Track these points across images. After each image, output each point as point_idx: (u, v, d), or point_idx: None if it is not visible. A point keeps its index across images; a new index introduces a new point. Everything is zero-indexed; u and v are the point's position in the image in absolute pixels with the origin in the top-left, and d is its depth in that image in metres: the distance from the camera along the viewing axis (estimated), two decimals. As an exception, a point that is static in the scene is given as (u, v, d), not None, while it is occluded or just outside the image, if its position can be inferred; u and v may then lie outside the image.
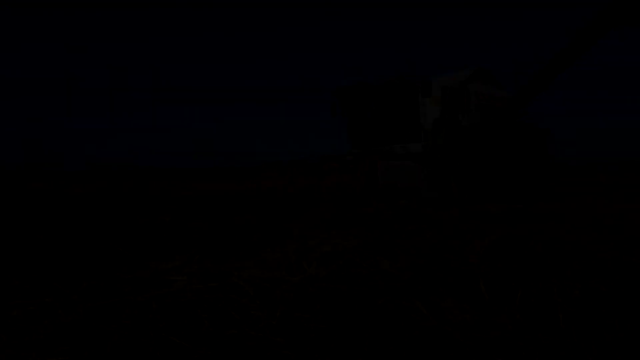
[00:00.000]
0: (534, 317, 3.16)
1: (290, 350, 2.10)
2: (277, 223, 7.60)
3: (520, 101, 12.63)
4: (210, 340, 2.03)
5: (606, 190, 16.44)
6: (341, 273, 2.72)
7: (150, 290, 2.21)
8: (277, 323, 2.20)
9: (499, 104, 14.24)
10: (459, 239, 4.22)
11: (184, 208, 8.66)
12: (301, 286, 2.46)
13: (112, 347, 1.88)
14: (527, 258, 3.69)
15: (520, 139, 15.67)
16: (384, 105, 13.75)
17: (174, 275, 2.38)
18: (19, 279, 3.00)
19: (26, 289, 2.51)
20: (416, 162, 14.50)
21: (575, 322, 2.30)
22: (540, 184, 16.46)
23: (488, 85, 14.97)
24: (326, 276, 2.65)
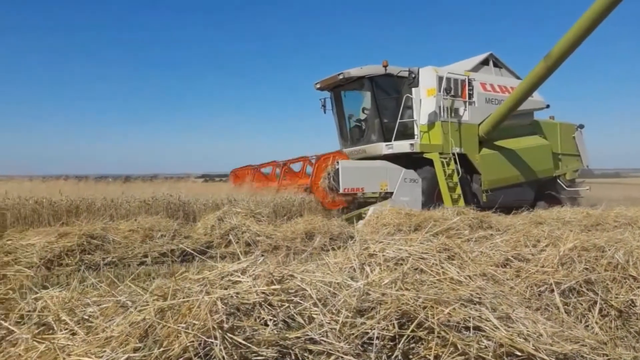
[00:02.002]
0: (614, 334, 2.95)
1: (353, 356, 2.07)
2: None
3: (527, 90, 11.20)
4: (273, 342, 2.04)
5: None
6: (405, 279, 2.66)
7: (217, 290, 2.25)
8: (340, 328, 2.18)
9: (507, 93, 12.77)
10: (532, 245, 4.03)
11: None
12: (364, 291, 2.43)
13: (177, 348, 1.93)
14: (605, 268, 3.45)
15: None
16: (370, 99, 12.19)
17: (239, 277, 2.41)
18: (96, 277, 3.19)
19: (102, 287, 2.64)
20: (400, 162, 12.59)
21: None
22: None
23: (498, 73, 13.58)
24: (390, 282, 2.60)
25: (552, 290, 3.24)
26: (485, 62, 13.47)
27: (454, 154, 11.52)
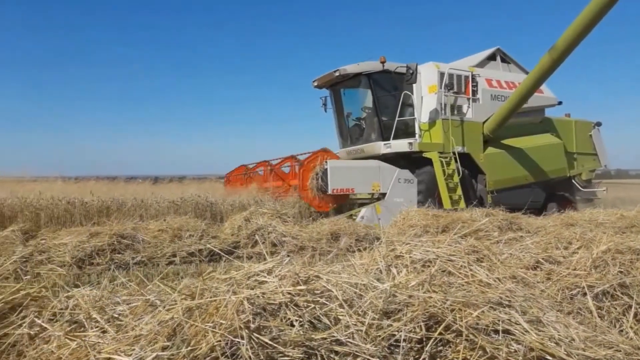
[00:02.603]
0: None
1: (379, 358, 2.05)
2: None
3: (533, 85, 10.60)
4: (299, 343, 2.04)
5: None
6: (433, 281, 2.62)
7: (243, 290, 2.26)
8: (366, 329, 2.16)
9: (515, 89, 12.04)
10: (564, 248, 3.93)
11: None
12: (390, 293, 2.41)
13: (204, 347, 1.94)
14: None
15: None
16: (368, 97, 11.65)
17: (265, 277, 2.42)
18: (126, 276, 3.25)
19: (131, 286, 2.68)
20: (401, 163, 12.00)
21: None
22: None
23: (505, 69, 12.93)
24: (417, 284, 2.57)
25: (585, 294, 3.15)
26: (492, 58, 12.90)
27: (454, 153, 11.04)
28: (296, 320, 2.14)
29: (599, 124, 15.07)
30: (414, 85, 11.24)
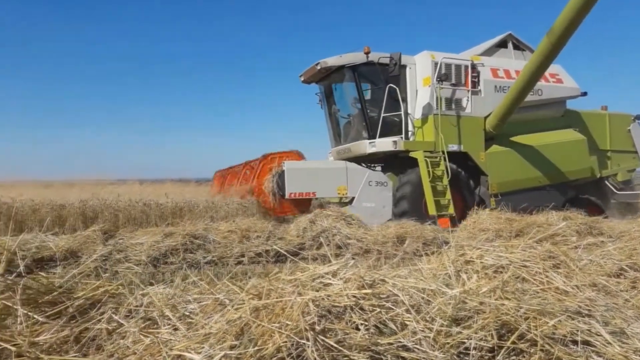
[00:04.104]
0: None
1: (448, 366, 1.99)
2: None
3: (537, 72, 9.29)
4: (365, 347, 2.01)
5: None
6: (505, 288, 2.51)
7: (308, 292, 2.27)
8: (434, 336, 2.10)
9: None
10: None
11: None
12: (460, 299, 2.33)
13: (271, 347, 1.96)
14: None
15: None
16: (353, 91, 10.60)
17: (330, 279, 2.41)
18: (197, 275, 3.36)
19: (202, 285, 2.76)
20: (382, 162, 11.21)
21: None
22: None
23: (519, 57, 11.45)
24: (488, 290, 2.46)
25: (676, 305, 2.90)
26: (502, 45, 11.57)
27: (443, 152, 9.92)
28: (362, 324, 2.12)
29: (639, 117, 13.24)
30: (407, 77, 10.41)
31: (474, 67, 10.67)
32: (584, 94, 12.11)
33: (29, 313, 2.25)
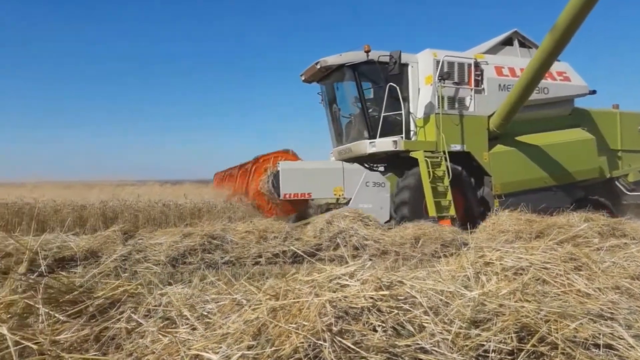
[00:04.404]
0: None
1: (467, 369, 1.97)
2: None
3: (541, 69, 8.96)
4: (382, 349, 2.00)
5: None
6: (526, 290, 2.47)
7: (325, 293, 2.26)
8: (453, 338, 2.08)
9: None
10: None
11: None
12: (479, 301, 2.30)
13: (288, 348, 1.96)
14: None
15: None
16: (354, 90, 10.40)
17: (347, 280, 2.41)
18: (215, 275, 3.38)
19: (219, 285, 2.78)
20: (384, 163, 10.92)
21: None
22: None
23: (526, 55, 11.11)
24: (508, 292, 2.43)
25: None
26: (507, 42, 11.28)
27: (444, 152, 9.67)
28: (379, 325, 2.10)
29: None
30: (409, 76, 10.20)
31: (477, 65, 10.45)
32: (593, 92, 11.76)
33: (50, 312, 2.28)
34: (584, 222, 7.07)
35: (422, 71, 10.29)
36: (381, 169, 11.41)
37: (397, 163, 10.42)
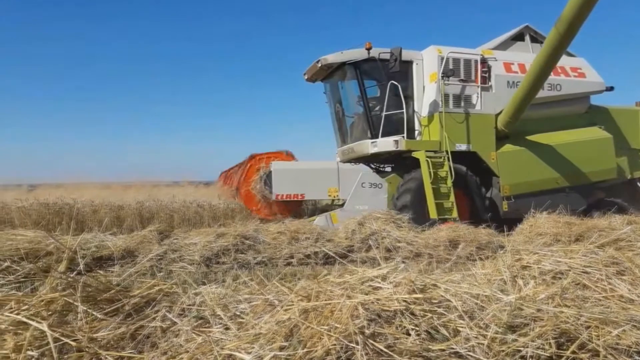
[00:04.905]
0: None
1: (503, 375, 1.92)
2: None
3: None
4: (416, 353, 1.97)
5: None
6: (565, 295, 2.40)
7: (357, 295, 2.25)
8: (488, 343, 2.03)
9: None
10: None
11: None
12: (516, 306, 2.24)
13: (320, 349, 1.95)
14: None
15: None
16: (356, 89, 10.05)
17: (380, 283, 2.38)
18: (247, 275, 3.41)
19: (252, 285, 2.80)
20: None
21: None
22: None
23: (538, 50, 10.02)
24: (546, 297, 2.36)
25: None
26: (518, 38, 10.74)
27: (447, 152, 9.31)
28: (412, 329, 2.07)
29: None
30: (413, 73, 9.91)
31: (484, 61, 10.03)
32: (610, 88, 11.14)
33: (89, 310, 2.34)
34: (627, 225, 6.82)
35: (427, 68, 10.00)
36: (388, 169, 11.15)
37: (403, 164, 10.11)
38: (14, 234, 5.54)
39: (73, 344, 2.07)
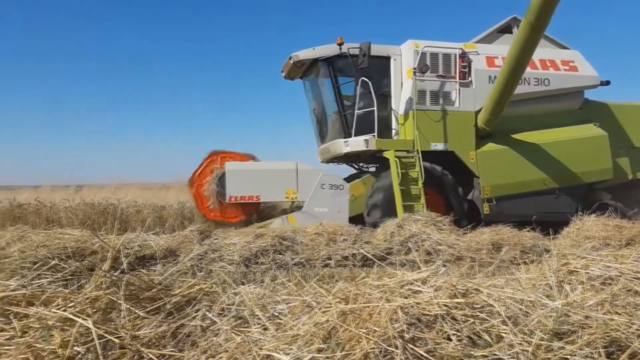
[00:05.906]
0: None
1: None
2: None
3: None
4: (458, 358, 1.93)
5: None
6: (615, 301, 2.29)
7: (397, 298, 2.21)
8: (533, 350, 1.96)
9: (537, 69, 9.46)
10: None
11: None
12: (563, 312, 2.15)
13: (358, 353, 1.93)
14: None
15: None
16: (329, 86, 9.69)
17: (420, 287, 2.34)
18: (285, 276, 3.44)
19: (290, 286, 2.80)
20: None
21: None
22: None
23: None
24: (595, 303, 2.27)
25: None
26: (506, 30, 10.09)
27: (418, 152, 8.90)
28: (453, 334, 2.03)
29: None
30: (391, 69, 9.51)
31: (463, 56, 9.51)
32: (606, 83, 10.40)
33: (131, 308, 2.40)
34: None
35: (405, 64, 9.62)
36: (372, 169, 10.74)
37: (385, 164, 9.65)
38: (62, 232, 5.75)
39: (116, 341, 2.12)
